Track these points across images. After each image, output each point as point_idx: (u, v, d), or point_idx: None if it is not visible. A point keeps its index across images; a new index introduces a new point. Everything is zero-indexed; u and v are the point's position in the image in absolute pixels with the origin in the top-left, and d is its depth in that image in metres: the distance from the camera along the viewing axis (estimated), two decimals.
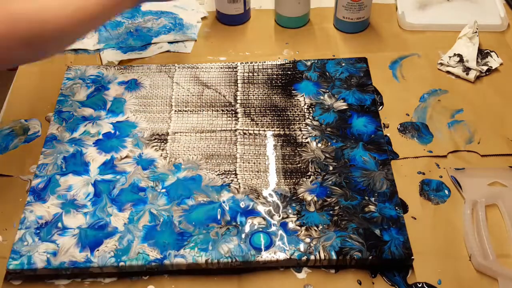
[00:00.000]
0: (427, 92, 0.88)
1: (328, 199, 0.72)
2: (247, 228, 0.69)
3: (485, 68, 0.90)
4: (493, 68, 0.91)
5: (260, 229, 0.69)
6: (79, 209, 0.72)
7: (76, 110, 0.85)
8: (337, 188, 0.74)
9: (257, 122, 0.83)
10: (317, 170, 0.76)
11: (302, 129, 0.81)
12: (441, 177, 0.76)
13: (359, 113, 0.83)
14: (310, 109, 0.84)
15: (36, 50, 0.62)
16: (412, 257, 0.66)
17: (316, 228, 0.69)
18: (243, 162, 0.77)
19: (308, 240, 0.68)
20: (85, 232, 0.70)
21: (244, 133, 0.81)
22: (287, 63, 0.91)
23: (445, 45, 0.95)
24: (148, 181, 0.75)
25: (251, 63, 0.92)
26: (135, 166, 0.77)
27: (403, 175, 0.77)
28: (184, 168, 0.77)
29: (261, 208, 0.72)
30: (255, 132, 0.82)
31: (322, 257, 0.66)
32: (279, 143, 0.80)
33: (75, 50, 0.98)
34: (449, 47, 0.94)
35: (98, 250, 0.68)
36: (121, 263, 0.67)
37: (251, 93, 0.87)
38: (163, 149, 0.80)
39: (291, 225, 0.70)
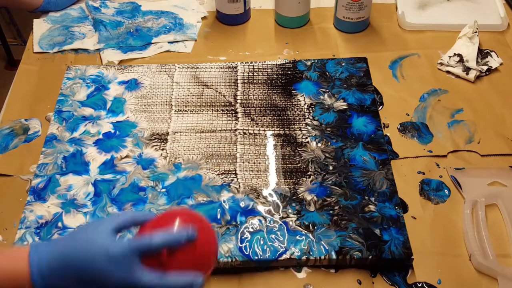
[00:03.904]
0: (427, 92, 0.88)
1: (328, 199, 0.72)
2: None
3: (485, 68, 0.90)
4: (493, 68, 0.91)
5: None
6: (79, 209, 0.72)
7: (76, 110, 0.85)
8: (337, 188, 0.74)
9: (257, 122, 0.83)
10: (317, 169, 0.76)
11: (302, 129, 0.81)
12: (441, 176, 0.76)
13: (359, 113, 0.83)
14: (310, 109, 0.84)
15: None
16: (412, 257, 0.66)
17: (316, 228, 0.69)
18: (243, 162, 0.77)
19: (308, 239, 0.68)
20: None
21: (244, 133, 0.81)
22: (287, 63, 0.91)
23: (445, 45, 0.95)
24: (148, 181, 0.75)
25: (251, 63, 0.92)
26: (135, 165, 0.77)
27: (403, 175, 0.77)
28: (184, 167, 0.77)
29: (261, 208, 0.72)
30: (255, 132, 0.82)
31: (322, 256, 0.66)
32: (279, 143, 0.80)
33: (75, 50, 0.98)
34: (449, 47, 0.94)
35: None
36: None
37: (251, 93, 0.87)
38: (163, 149, 0.80)
39: (291, 225, 0.70)
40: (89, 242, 0.52)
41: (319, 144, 0.79)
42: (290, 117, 0.83)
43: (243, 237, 0.68)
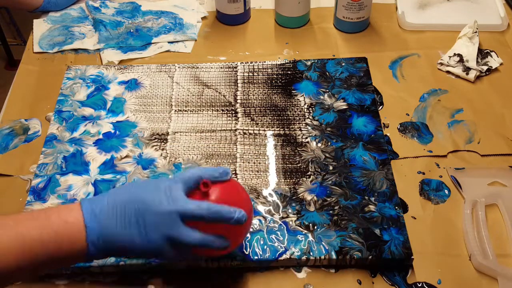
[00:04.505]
0: (427, 92, 0.88)
1: (328, 199, 0.72)
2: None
3: (485, 68, 0.90)
4: (493, 68, 0.91)
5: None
6: None
7: (76, 110, 0.85)
8: (337, 188, 0.74)
9: (257, 122, 0.83)
10: (317, 169, 0.76)
11: (302, 129, 0.81)
12: (441, 177, 0.76)
13: (359, 113, 0.83)
14: (310, 109, 0.84)
15: None
16: (412, 257, 0.66)
17: (316, 228, 0.69)
18: (243, 162, 0.77)
19: (308, 239, 0.68)
20: None
21: (244, 133, 0.81)
22: (287, 63, 0.91)
23: (445, 45, 0.95)
24: None
25: (251, 63, 0.92)
26: (135, 165, 0.77)
27: (403, 175, 0.77)
28: (184, 168, 0.77)
29: (261, 208, 0.72)
30: (255, 132, 0.82)
31: (322, 256, 0.66)
32: (279, 143, 0.80)
33: (75, 50, 0.98)
34: (449, 47, 0.94)
35: None
36: (121, 263, 0.67)
37: (251, 93, 0.87)
38: (163, 149, 0.80)
39: (291, 225, 0.70)
40: (155, 183, 0.57)
41: (319, 144, 0.79)
42: (290, 117, 0.83)
43: None
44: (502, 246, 0.69)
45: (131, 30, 1.00)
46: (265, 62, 0.92)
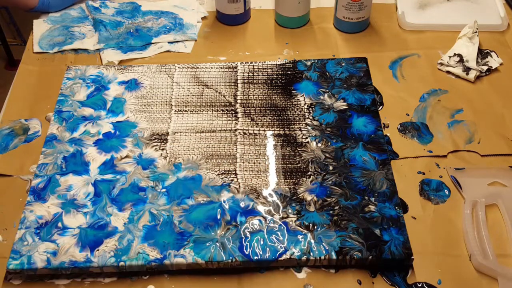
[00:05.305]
0: (427, 92, 0.88)
1: (328, 199, 0.72)
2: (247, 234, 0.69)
3: (485, 68, 0.90)
4: (493, 68, 0.91)
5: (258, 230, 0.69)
6: (79, 209, 0.72)
7: (76, 110, 0.85)
8: (337, 188, 0.74)
9: (257, 122, 0.83)
10: (317, 170, 0.76)
11: (302, 129, 0.81)
12: (441, 177, 0.76)
13: (359, 113, 0.83)
14: (310, 109, 0.84)
15: None
16: (412, 257, 0.66)
17: (316, 228, 0.69)
18: (243, 162, 0.77)
19: (308, 239, 0.68)
20: (85, 232, 0.70)
21: (244, 133, 0.81)
22: (287, 63, 0.91)
23: (445, 45, 0.95)
24: (148, 181, 0.75)
25: (251, 63, 0.92)
26: (135, 166, 0.77)
27: (403, 175, 0.77)
28: (184, 168, 0.77)
29: (261, 208, 0.72)
30: (255, 132, 0.82)
31: (322, 257, 0.66)
32: (279, 143, 0.80)
33: (75, 50, 0.98)
34: (449, 47, 0.94)
35: (98, 250, 0.68)
36: (121, 263, 0.67)
37: (251, 93, 0.87)
38: (163, 149, 0.80)
39: (291, 225, 0.70)
40: None
41: (319, 144, 0.79)
42: (290, 117, 0.83)
43: (243, 237, 0.68)
44: (502, 246, 0.69)
45: (131, 30, 1.00)
46: (265, 62, 0.92)
